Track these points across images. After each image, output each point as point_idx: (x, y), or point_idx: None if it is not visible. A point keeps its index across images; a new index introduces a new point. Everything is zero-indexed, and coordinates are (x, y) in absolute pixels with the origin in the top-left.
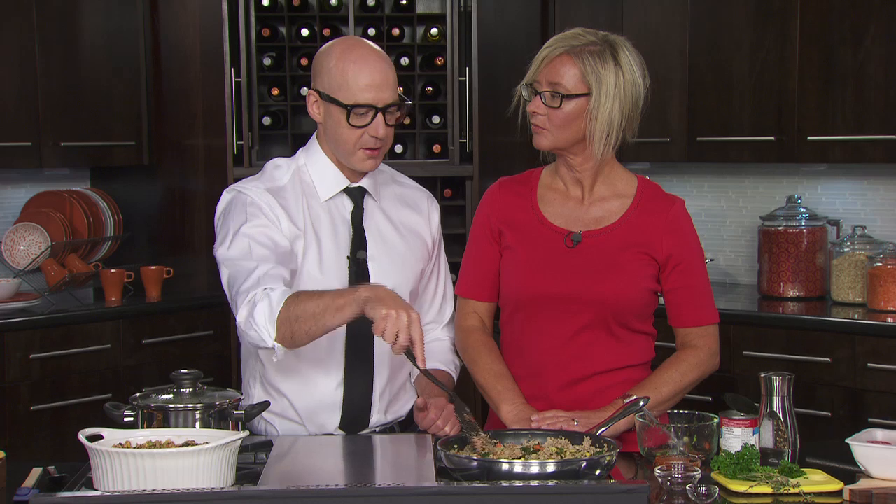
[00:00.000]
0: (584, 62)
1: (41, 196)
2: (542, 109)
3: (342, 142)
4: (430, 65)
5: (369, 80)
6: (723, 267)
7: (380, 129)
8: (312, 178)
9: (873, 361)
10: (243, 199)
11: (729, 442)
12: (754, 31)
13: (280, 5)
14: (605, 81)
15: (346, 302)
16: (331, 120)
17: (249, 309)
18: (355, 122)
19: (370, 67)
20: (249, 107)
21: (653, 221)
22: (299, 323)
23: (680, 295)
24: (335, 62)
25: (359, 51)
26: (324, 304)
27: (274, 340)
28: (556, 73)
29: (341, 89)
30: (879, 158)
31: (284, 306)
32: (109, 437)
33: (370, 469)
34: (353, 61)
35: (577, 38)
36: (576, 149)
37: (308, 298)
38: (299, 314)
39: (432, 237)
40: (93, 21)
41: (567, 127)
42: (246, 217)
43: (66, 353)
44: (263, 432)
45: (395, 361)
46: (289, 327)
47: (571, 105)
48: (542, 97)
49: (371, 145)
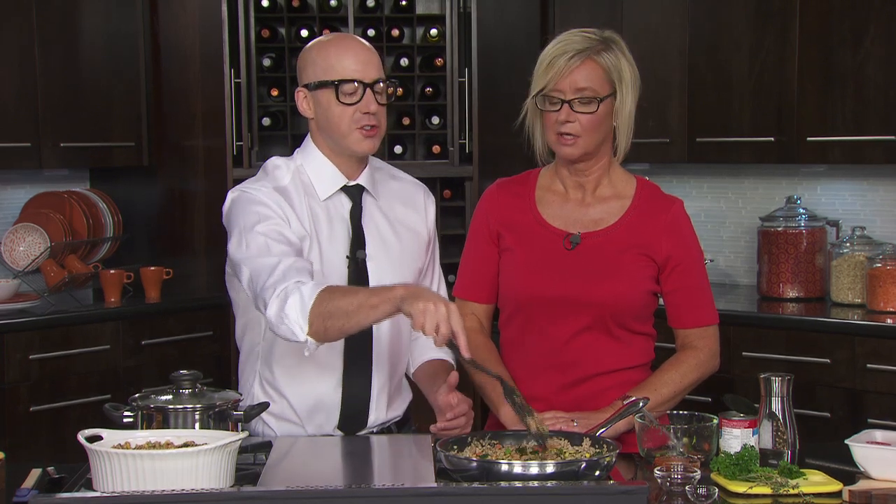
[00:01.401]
0: (605, 62)
1: (41, 197)
2: (573, 117)
3: (336, 124)
4: (429, 66)
5: (353, 58)
6: (722, 268)
7: (371, 104)
8: (310, 178)
9: (873, 362)
10: (250, 198)
11: (728, 443)
12: (754, 31)
13: (280, 6)
14: (623, 77)
15: (381, 300)
16: (321, 108)
17: (281, 303)
18: (345, 100)
19: (352, 49)
20: (249, 107)
21: (652, 223)
22: (332, 319)
23: (679, 296)
24: (316, 52)
25: (338, 38)
26: (357, 301)
27: (307, 335)
28: (582, 78)
29: (326, 72)
30: (879, 159)
31: (317, 301)
32: (109, 438)
33: (369, 470)
34: (335, 45)
35: (584, 41)
36: (594, 151)
37: (342, 295)
38: (332, 311)
39: (429, 232)
40: (93, 21)
41: (598, 130)
42: (258, 217)
43: (66, 354)
44: (261, 434)
45: (392, 361)
46: (322, 323)
47: (605, 107)
48: (571, 105)
49: (365, 122)
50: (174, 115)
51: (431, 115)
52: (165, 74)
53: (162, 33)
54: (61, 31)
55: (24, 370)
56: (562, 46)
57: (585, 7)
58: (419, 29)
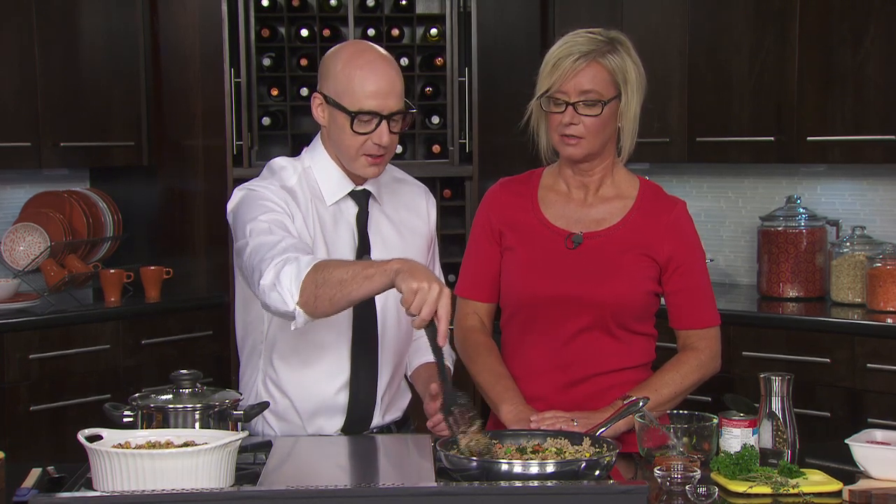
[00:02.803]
0: (610, 64)
1: (40, 196)
2: (577, 119)
3: (345, 147)
4: (429, 65)
5: (375, 88)
6: (722, 267)
7: (384, 137)
8: (318, 182)
9: (873, 362)
10: (258, 195)
11: (728, 442)
12: (754, 31)
13: (280, 6)
14: (629, 79)
15: (377, 272)
16: (335, 125)
17: (277, 271)
18: (359, 129)
19: (377, 74)
20: (249, 107)
21: (654, 223)
22: (324, 287)
23: (681, 297)
24: (342, 66)
25: (366, 56)
26: (353, 271)
27: (296, 304)
28: (587, 80)
29: (346, 95)
30: (879, 159)
31: (312, 269)
32: (109, 438)
33: (370, 469)
34: (360, 67)
35: (589, 43)
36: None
37: (337, 266)
38: (326, 278)
39: (430, 234)
40: (93, 21)
41: (602, 132)
42: (263, 209)
43: (66, 354)
44: (262, 433)
45: (396, 361)
46: (313, 291)
47: (610, 109)
48: (576, 107)
49: (374, 152)
50: (174, 115)
51: (431, 114)
52: (165, 74)
53: (162, 33)
54: (61, 31)
55: (23, 370)
56: (567, 48)
57: (585, 7)
58: (419, 29)
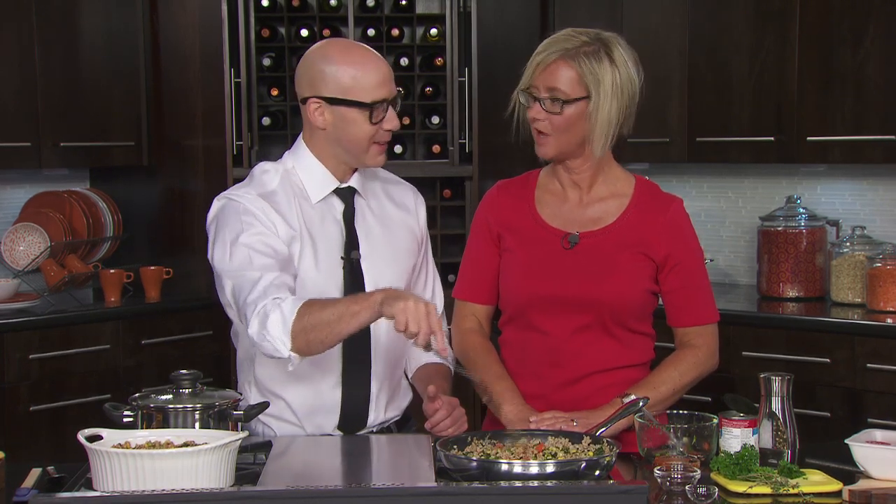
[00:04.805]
0: (580, 65)
1: (40, 196)
2: (542, 115)
3: (356, 141)
4: (429, 65)
5: (380, 76)
6: (722, 267)
7: (395, 120)
8: (302, 181)
9: (873, 362)
10: (236, 207)
11: (728, 442)
12: (754, 31)
13: (280, 6)
14: (602, 82)
15: (362, 307)
16: (343, 122)
17: (262, 320)
18: (377, 119)
19: (375, 63)
20: (249, 107)
21: (650, 221)
22: (315, 332)
23: (678, 295)
24: (338, 66)
25: (356, 50)
26: (338, 311)
27: (290, 351)
28: (554, 78)
29: (355, 90)
30: (879, 159)
31: (298, 316)
32: (109, 438)
33: (370, 469)
34: (357, 62)
35: (570, 41)
36: (576, 152)
37: (322, 307)
38: (314, 323)
39: (420, 231)
40: (93, 21)
41: (569, 131)
42: (241, 226)
43: (66, 354)
44: (261, 434)
45: (391, 359)
46: (304, 336)
47: (572, 109)
48: (542, 103)
49: (385, 139)
50: (174, 115)
51: (431, 114)
52: (165, 74)
53: (162, 33)
54: (61, 31)
55: (23, 370)
56: (547, 44)
57: (585, 7)
58: (419, 29)
